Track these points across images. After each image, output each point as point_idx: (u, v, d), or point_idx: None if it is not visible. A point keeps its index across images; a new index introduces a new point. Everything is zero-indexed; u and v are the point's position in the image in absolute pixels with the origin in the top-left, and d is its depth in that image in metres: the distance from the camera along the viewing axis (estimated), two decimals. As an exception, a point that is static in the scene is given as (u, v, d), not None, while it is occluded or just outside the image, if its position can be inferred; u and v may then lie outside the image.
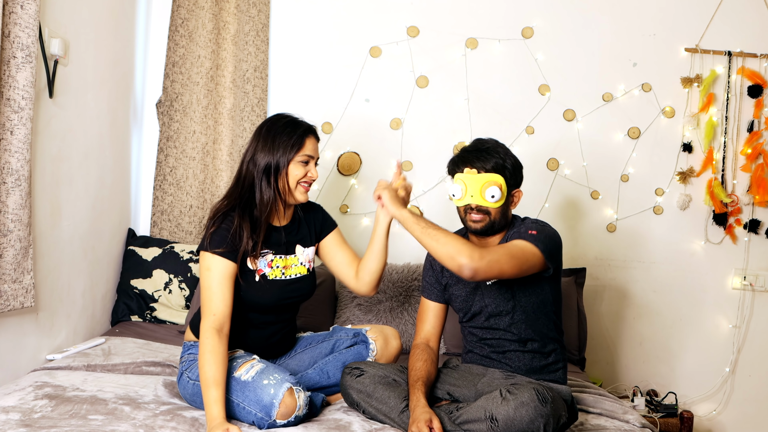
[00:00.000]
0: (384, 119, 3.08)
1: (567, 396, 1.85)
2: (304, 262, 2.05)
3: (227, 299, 1.84)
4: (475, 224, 1.89)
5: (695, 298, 3.07)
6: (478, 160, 1.87)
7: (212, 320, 1.79)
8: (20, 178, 1.97)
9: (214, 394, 1.70)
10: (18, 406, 1.73)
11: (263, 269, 1.95)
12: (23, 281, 2.03)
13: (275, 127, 1.96)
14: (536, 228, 1.85)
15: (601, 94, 3.05)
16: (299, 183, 1.96)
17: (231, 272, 1.87)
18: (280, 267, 1.98)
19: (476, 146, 1.92)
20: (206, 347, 1.76)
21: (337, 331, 2.16)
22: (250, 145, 1.97)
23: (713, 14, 3.01)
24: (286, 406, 1.72)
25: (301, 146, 1.94)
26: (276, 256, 1.98)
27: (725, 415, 3.09)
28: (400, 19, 3.06)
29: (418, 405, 1.74)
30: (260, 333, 2.00)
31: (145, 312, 2.74)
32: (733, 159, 3.03)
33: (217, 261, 1.85)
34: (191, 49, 2.95)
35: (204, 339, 1.77)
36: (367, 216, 3.08)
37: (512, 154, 1.93)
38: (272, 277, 1.96)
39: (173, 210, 2.97)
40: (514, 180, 1.91)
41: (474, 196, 1.86)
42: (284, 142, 1.93)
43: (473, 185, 1.86)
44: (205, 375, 1.73)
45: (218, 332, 1.78)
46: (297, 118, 2.02)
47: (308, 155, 1.96)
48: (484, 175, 1.85)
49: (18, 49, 1.94)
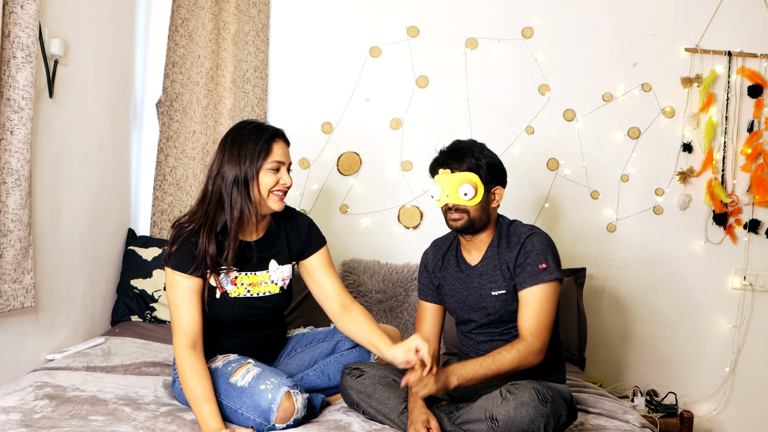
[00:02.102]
0: (384, 119, 3.08)
1: (566, 395, 1.85)
2: (276, 281, 1.96)
3: (195, 315, 1.79)
4: (454, 223, 1.91)
5: (695, 298, 3.07)
6: (452, 161, 1.89)
7: (183, 339, 1.76)
8: (20, 178, 1.97)
9: (207, 409, 1.67)
10: (18, 406, 1.73)
11: (225, 286, 1.88)
12: (23, 281, 2.03)
13: (240, 135, 1.84)
14: (542, 257, 1.85)
15: (601, 94, 3.05)
16: (271, 192, 1.85)
17: (196, 287, 1.81)
18: (245, 284, 1.91)
19: (452, 147, 1.94)
20: (185, 367, 1.73)
21: (338, 330, 2.12)
22: (216, 158, 1.85)
23: (713, 14, 3.01)
24: (285, 410, 1.71)
25: (268, 152, 1.82)
26: (241, 273, 1.90)
27: (725, 415, 3.09)
28: (400, 19, 3.06)
29: (416, 406, 1.74)
30: (234, 342, 1.96)
31: (145, 312, 2.74)
32: (733, 159, 3.03)
33: (180, 278, 1.80)
34: (191, 49, 2.95)
35: (180, 359, 1.74)
36: (367, 216, 3.08)
37: (490, 152, 1.93)
38: (235, 295, 1.89)
39: (173, 210, 2.97)
40: (491, 177, 1.90)
41: (450, 196, 1.88)
42: (251, 151, 1.81)
43: (448, 185, 1.88)
44: (193, 393, 1.70)
45: (192, 349, 1.76)
46: (262, 123, 1.89)
47: (278, 161, 1.84)
48: (457, 174, 1.87)
49: (18, 49, 1.94)
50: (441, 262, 2.06)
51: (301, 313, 2.69)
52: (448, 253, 2.06)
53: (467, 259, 2.00)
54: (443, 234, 2.18)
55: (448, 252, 2.06)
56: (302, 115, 3.08)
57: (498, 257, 1.92)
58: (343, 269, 2.88)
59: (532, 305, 1.83)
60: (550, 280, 1.83)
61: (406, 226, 3.08)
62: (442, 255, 2.06)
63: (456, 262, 2.02)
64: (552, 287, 1.84)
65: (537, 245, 1.87)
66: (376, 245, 3.06)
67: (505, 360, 1.76)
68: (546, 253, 1.86)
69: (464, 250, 2.01)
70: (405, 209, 3.08)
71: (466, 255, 2.00)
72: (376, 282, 2.80)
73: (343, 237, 3.06)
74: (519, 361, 1.76)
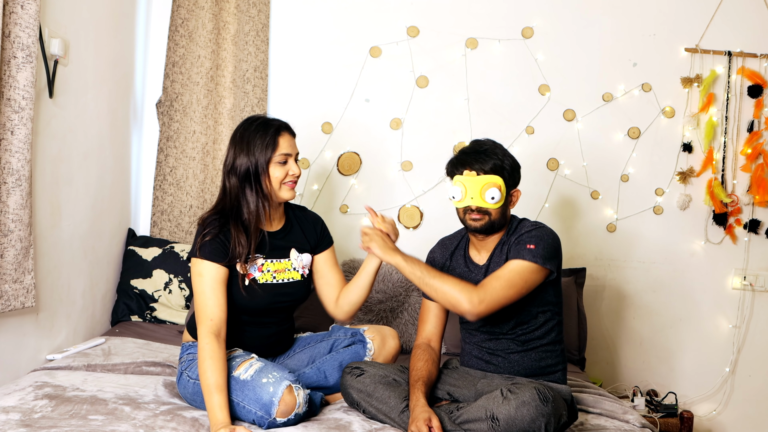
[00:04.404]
0: (384, 119, 3.08)
1: (567, 395, 1.85)
2: (297, 268, 2.03)
3: (221, 303, 1.84)
4: (474, 222, 1.90)
5: (695, 298, 3.08)
6: (476, 162, 1.88)
7: (209, 325, 1.80)
8: (21, 178, 1.97)
9: (217, 400, 1.70)
10: (18, 406, 1.73)
11: (253, 273, 1.94)
12: (24, 281, 2.03)
13: (248, 131, 1.93)
14: (534, 240, 1.85)
15: (601, 94, 3.05)
16: (283, 183, 1.94)
17: (223, 276, 1.87)
18: (271, 271, 1.97)
19: (474, 148, 1.92)
20: (206, 353, 1.76)
21: (336, 330, 2.16)
22: (228, 153, 1.95)
23: (713, 14, 3.01)
24: (286, 404, 1.73)
25: (275, 146, 1.91)
26: (267, 260, 1.97)
27: (725, 415, 3.09)
28: (400, 19, 3.06)
29: (417, 404, 1.74)
30: (256, 332, 2.00)
31: (145, 312, 2.74)
32: (733, 159, 3.03)
33: (209, 266, 1.85)
34: (191, 49, 2.95)
35: (203, 344, 1.77)
36: (366, 216, 3.08)
37: (510, 154, 1.93)
38: (263, 281, 1.95)
39: (173, 210, 2.97)
40: (512, 180, 1.92)
41: (474, 198, 1.86)
42: (259, 145, 1.90)
43: (473, 187, 1.86)
44: (207, 381, 1.73)
45: (216, 337, 1.79)
46: (269, 118, 1.98)
47: (285, 153, 1.93)
48: (483, 176, 1.86)
49: (18, 49, 1.94)
50: (449, 262, 2.05)
51: (300, 313, 2.68)
52: (456, 252, 2.05)
53: (474, 258, 2.00)
54: (442, 234, 2.18)
55: (456, 251, 2.06)
56: (302, 115, 3.08)
57: (501, 253, 1.93)
58: (343, 269, 2.88)
59: (502, 270, 1.82)
60: (530, 260, 1.81)
61: (406, 226, 3.08)
62: (450, 254, 2.06)
63: (464, 262, 2.02)
64: (529, 266, 1.81)
65: (534, 233, 1.88)
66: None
67: (448, 281, 1.80)
68: (539, 239, 1.85)
69: (473, 249, 2.01)
70: (405, 209, 3.08)
71: (474, 254, 2.00)
72: (376, 282, 2.80)
73: (343, 237, 3.06)
74: (454, 291, 1.77)
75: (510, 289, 1.79)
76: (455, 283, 1.80)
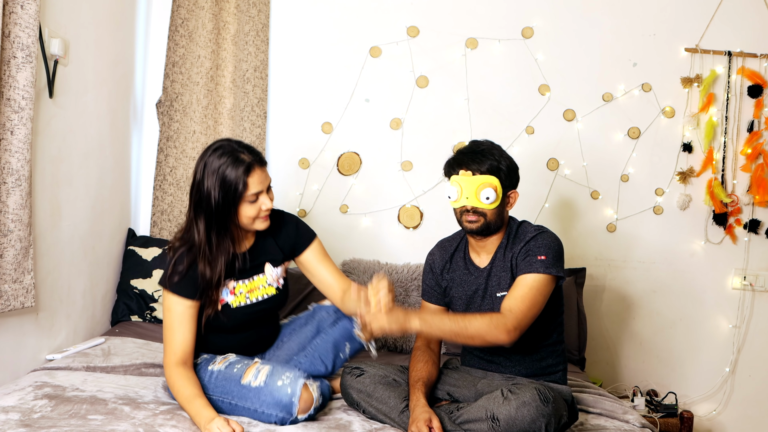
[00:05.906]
0: (384, 119, 3.08)
1: (567, 396, 1.86)
2: (272, 283, 2.01)
3: (188, 338, 1.85)
4: (470, 224, 1.90)
5: (695, 298, 3.07)
6: (473, 162, 1.88)
7: (174, 359, 1.82)
8: (20, 178, 1.97)
9: (198, 403, 1.73)
10: (18, 406, 1.73)
11: (225, 298, 1.92)
12: (24, 281, 2.03)
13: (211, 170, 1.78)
14: (543, 250, 1.85)
15: (601, 94, 3.05)
16: (255, 219, 1.86)
17: (192, 311, 1.86)
18: (243, 293, 1.95)
19: (471, 148, 1.92)
20: (175, 379, 1.79)
21: (318, 310, 2.13)
22: (193, 184, 1.82)
23: (713, 14, 3.01)
24: (305, 401, 1.77)
25: (245, 187, 1.79)
26: (239, 282, 1.94)
27: (725, 415, 3.09)
28: (400, 19, 3.06)
29: (417, 405, 1.74)
30: (238, 338, 2.00)
31: (145, 312, 2.74)
32: (733, 159, 3.03)
33: (177, 302, 1.84)
34: (191, 49, 2.95)
35: (170, 373, 1.80)
36: (367, 216, 3.08)
37: (507, 155, 1.93)
38: (236, 305, 1.93)
39: (173, 210, 2.97)
40: (509, 181, 1.91)
41: (469, 198, 1.86)
42: (226, 187, 1.78)
43: (468, 187, 1.86)
44: (184, 394, 1.76)
45: (183, 365, 1.82)
46: (237, 152, 1.80)
47: (256, 193, 1.82)
48: (479, 177, 1.86)
49: (18, 49, 1.94)
50: (449, 264, 2.05)
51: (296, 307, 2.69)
52: (455, 254, 2.05)
53: (475, 260, 2.00)
54: (443, 234, 2.17)
55: (455, 253, 2.05)
56: (302, 115, 3.08)
57: (504, 258, 1.92)
58: (343, 269, 2.88)
59: (521, 288, 1.81)
60: (544, 272, 1.81)
61: (406, 226, 3.08)
62: (449, 256, 2.06)
63: (464, 264, 2.01)
64: (544, 279, 1.82)
65: (541, 241, 1.88)
66: (376, 245, 3.06)
67: (474, 323, 1.73)
68: (548, 248, 1.85)
69: (472, 251, 2.01)
70: (405, 209, 3.08)
71: (474, 257, 2.00)
72: (376, 282, 2.80)
73: (343, 237, 3.06)
74: (487, 329, 1.71)
75: (534, 308, 1.80)
76: (479, 320, 1.74)
